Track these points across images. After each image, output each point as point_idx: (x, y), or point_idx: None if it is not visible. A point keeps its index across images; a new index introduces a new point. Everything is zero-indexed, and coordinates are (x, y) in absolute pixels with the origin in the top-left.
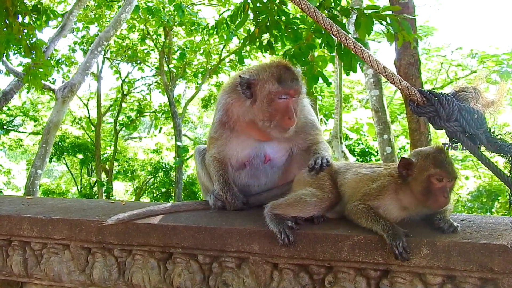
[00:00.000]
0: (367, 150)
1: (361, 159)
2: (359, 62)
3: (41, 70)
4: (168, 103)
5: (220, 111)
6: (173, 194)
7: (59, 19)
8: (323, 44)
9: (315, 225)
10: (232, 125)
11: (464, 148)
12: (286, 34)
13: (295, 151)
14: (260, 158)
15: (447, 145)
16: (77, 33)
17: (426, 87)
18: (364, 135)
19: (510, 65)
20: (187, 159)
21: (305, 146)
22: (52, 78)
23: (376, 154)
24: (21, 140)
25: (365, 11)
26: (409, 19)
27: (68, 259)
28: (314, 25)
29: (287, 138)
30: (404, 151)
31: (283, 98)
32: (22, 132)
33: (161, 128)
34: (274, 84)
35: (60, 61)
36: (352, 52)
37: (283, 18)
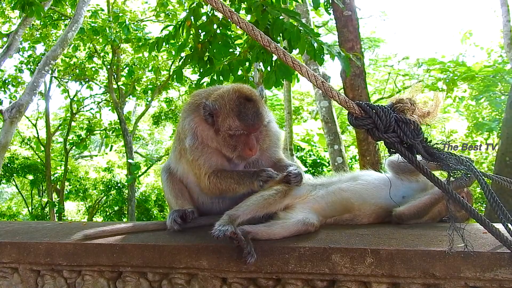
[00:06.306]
0: (318, 161)
1: (313, 170)
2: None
3: None
4: (118, 121)
5: (189, 136)
6: (126, 212)
7: (4, 39)
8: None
9: (261, 239)
10: (202, 146)
11: (402, 158)
12: (220, 48)
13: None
14: None
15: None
16: (23, 53)
17: (375, 97)
18: (315, 146)
19: (457, 72)
20: (139, 176)
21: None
22: None
23: (327, 164)
24: None
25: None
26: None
27: (17, 282)
28: (249, 41)
29: None
30: (355, 161)
31: (244, 133)
32: None
33: (112, 146)
34: (235, 121)
35: (6, 81)
36: (291, 67)
37: (219, 31)
